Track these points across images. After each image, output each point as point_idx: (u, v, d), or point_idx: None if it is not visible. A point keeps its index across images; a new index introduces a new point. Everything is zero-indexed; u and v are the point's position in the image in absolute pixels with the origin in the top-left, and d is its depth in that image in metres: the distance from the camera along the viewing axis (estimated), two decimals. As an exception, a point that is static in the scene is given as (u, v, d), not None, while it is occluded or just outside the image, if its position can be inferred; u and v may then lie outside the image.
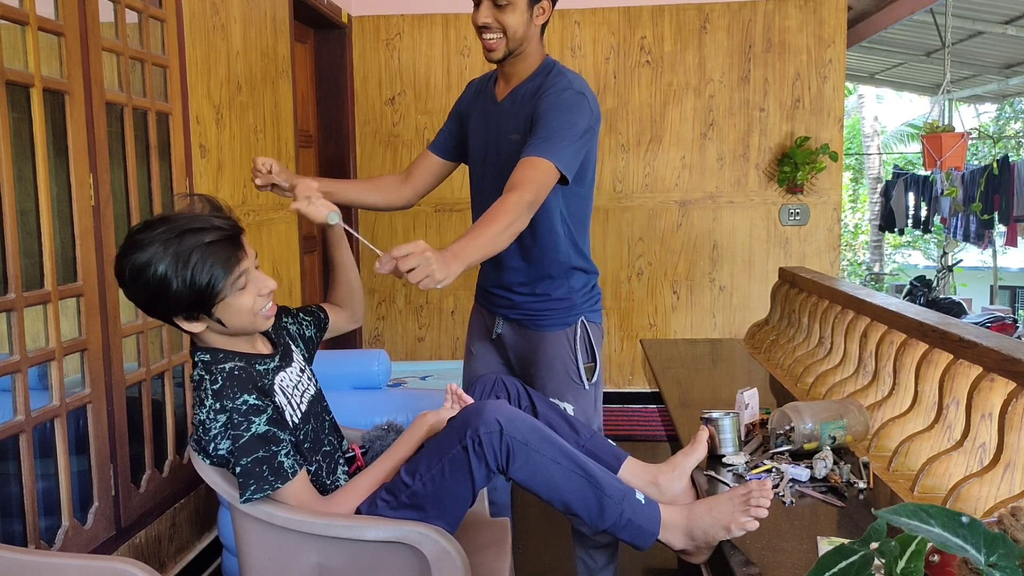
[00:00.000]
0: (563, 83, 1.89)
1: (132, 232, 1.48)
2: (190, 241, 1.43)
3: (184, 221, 1.46)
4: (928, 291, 8.18)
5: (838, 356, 2.42)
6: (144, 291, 1.45)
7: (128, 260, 1.44)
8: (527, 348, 2.08)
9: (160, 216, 1.50)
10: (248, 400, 1.49)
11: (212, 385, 1.50)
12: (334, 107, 4.46)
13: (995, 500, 1.48)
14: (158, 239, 1.43)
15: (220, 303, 1.48)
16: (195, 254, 1.42)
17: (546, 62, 1.98)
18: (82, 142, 2.14)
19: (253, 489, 1.48)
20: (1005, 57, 7.10)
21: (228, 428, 1.48)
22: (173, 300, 1.45)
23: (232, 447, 1.48)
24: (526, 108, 1.92)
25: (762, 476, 1.74)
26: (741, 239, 4.56)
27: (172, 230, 1.44)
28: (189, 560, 2.62)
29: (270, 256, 3.36)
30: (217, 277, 1.44)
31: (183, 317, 1.49)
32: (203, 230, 1.45)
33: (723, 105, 4.48)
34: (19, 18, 1.92)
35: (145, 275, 1.43)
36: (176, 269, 1.42)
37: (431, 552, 1.49)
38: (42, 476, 2.01)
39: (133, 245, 1.44)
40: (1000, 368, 1.56)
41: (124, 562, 1.33)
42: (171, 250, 1.42)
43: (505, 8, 1.86)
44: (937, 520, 0.79)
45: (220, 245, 1.45)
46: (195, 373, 1.55)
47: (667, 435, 3.12)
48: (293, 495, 1.53)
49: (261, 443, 1.49)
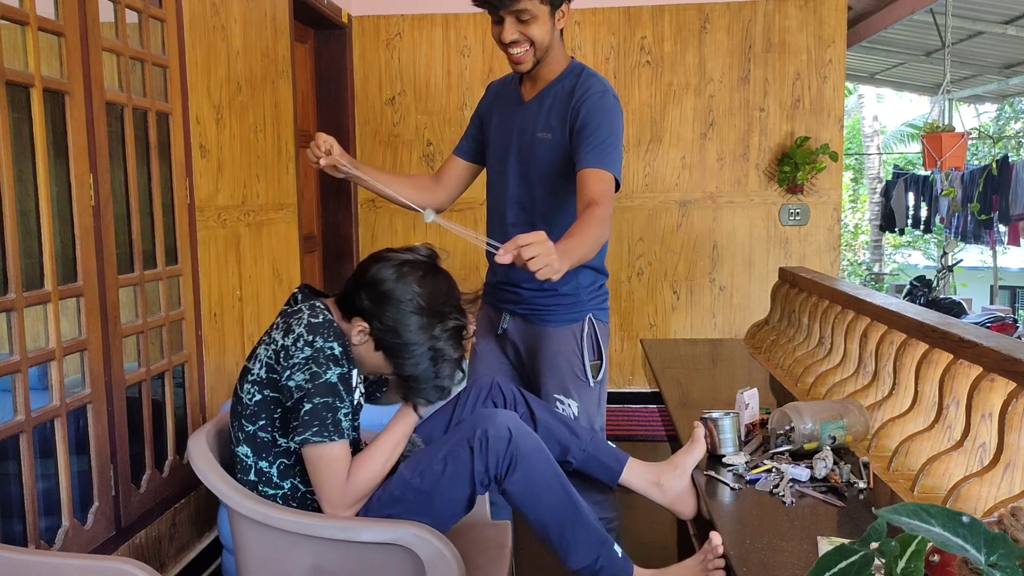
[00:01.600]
0: (599, 86, 1.94)
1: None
2: (450, 326, 1.56)
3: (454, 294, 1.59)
4: (928, 291, 8.17)
5: (838, 356, 2.41)
6: (384, 302, 1.53)
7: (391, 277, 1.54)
8: (533, 344, 2.08)
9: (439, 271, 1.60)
10: (335, 348, 1.52)
11: (311, 318, 1.52)
12: (334, 107, 4.46)
13: (995, 500, 1.48)
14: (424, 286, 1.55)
15: (397, 353, 1.55)
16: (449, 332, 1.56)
17: (573, 63, 2.02)
18: (82, 142, 2.14)
19: (316, 430, 1.49)
20: (1005, 57, 7.10)
21: (310, 363, 1.49)
22: (399, 330, 1.53)
23: (308, 384, 1.48)
24: (559, 109, 1.96)
25: (762, 476, 1.74)
26: (741, 239, 4.56)
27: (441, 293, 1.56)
28: (189, 560, 2.62)
29: (270, 256, 3.36)
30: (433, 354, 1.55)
31: (374, 327, 1.55)
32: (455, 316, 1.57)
33: (723, 105, 4.48)
34: (19, 18, 1.92)
35: (400, 296, 1.53)
36: (426, 323, 1.53)
37: (426, 554, 1.49)
38: (42, 476, 2.01)
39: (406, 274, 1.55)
40: (1000, 368, 1.56)
41: (124, 562, 1.33)
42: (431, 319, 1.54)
43: (529, 22, 1.88)
44: (937, 520, 0.79)
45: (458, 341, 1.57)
46: (295, 307, 1.57)
47: (667, 435, 3.12)
48: (338, 456, 1.53)
49: (332, 392, 1.50)
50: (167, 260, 2.55)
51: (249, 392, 1.59)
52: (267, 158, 3.32)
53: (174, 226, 2.60)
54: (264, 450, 1.61)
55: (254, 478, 1.62)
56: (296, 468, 1.63)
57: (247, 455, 1.62)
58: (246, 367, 1.61)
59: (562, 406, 2.02)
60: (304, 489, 1.64)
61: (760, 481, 1.72)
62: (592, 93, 1.91)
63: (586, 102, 1.90)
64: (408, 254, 1.58)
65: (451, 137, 4.55)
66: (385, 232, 4.65)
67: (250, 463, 1.62)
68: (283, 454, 1.62)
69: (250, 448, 1.61)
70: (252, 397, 1.59)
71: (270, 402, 1.58)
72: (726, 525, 1.55)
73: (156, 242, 2.51)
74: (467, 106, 4.54)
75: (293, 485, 1.63)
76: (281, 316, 1.59)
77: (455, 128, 4.55)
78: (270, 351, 1.56)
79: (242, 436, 1.62)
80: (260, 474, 1.62)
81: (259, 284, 3.24)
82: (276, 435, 1.61)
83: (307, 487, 1.64)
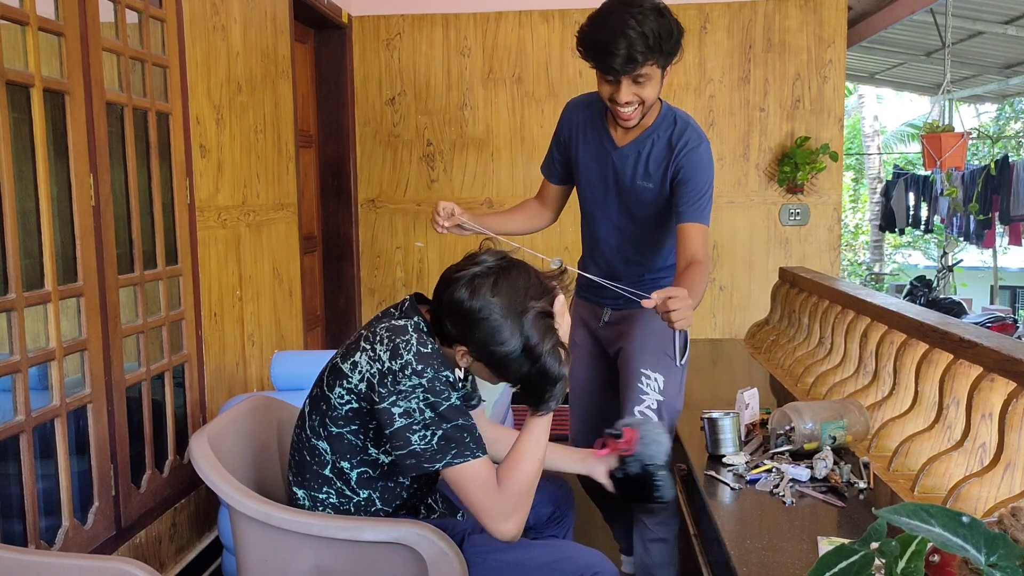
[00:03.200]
0: (695, 138, 2.00)
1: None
2: (533, 316, 1.49)
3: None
4: (928, 291, 8.17)
5: (838, 356, 2.41)
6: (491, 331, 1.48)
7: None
8: (627, 324, 2.20)
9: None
10: (450, 376, 1.51)
11: (420, 347, 1.49)
12: (334, 107, 4.46)
13: (995, 500, 1.48)
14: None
15: (502, 365, 1.50)
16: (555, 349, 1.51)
17: (664, 108, 2.05)
18: (82, 142, 2.14)
19: (455, 452, 1.47)
20: (1005, 57, 7.10)
21: (428, 395, 1.46)
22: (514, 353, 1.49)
23: (431, 414, 1.46)
24: (659, 160, 2.02)
25: (762, 476, 1.74)
26: (741, 239, 4.56)
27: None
28: (189, 560, 2.62)
29: (270, 256, 3.37)
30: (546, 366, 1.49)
31: (471, 349, 1.51)
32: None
33: (723, 105, 4.48)
34: (19, 18, 1.92)
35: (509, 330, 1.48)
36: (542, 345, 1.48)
37: (428, 553, 1.49)
38: (42, 476, 2.01)
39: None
40: (1000, 368, 1.56)
41: (124, 562, 1.33)
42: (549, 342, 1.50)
43: (644, 83, 1.89)
44: (937, 520, 0.79)
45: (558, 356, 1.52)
46: (400, 323, 1.52)
47: (667, 435, 3.12)
48: (483, 471, 1.50)
49: (460, 413, 1.49)
50: (167, 260, 2.55)
51: (342, 397, 1.54)
52: (267, 158, 3.32)
53: (174, 226, 2.60)
54: (349, 452, 1.58)
55: (330, 474, 1.59)
56: (378, 483, 1.60)
57: (326, 450, 1.58)
58: (338, 366, 1.55)
59: (648, 380, 2.10)
60: (380, 505, 1.61)
61: (760, 481, 1.72)
62: (691, 147, 1.99)
63: (687, 156, 1.98)
64: (474, 267, 1.52)
65: (451, 137, 4.55)
66: (385, 232, 4.65)
67: (328, 459, 1.58)
68: (369, 464, 1.59)
69: (330, 446, 1.58)
70: (346, 403, 1.54)
71: (366, 414, 1.54)
72: (726, 525, 1.55)
73: (156, 242, 2.51)
74: (467, 106, 4.54)
75: (370, 497, 1.61)
76: (388, 330, 1.52)
77: (455, 128, 4.55)
78: (374, 369, 1.49)
79: (324, 432, 1.58)
80: (339, 474, 1.59)
81: (259, 284, 3.24)
82: (368, 444, 1.57)
83: (383, 504, 1.61)
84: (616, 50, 1.82)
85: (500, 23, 4.49)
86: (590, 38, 1.87)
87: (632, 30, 1.80)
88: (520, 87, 4.51)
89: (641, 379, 2.09)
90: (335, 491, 1.60)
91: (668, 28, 1.84)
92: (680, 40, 1.89)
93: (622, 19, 1.81)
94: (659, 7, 1.85)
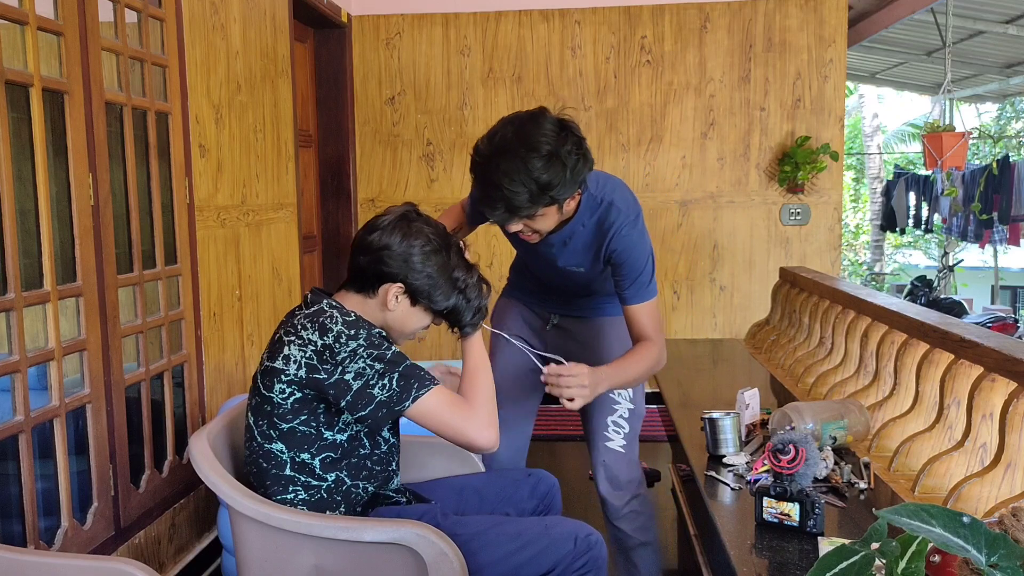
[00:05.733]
0: (624, 217, 1.87)
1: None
2: (456, 252, 1.70)
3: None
4: (929, 291, 8.17)
5: (839, 356, 2.41)
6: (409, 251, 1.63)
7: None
8: (588, 334, 2.18)
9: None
10: (382, 332, 1.62)
11: (344, 316, 1.59)
12: (334, 107, 4.46)
13: (996, 500, 1.48)
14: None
15: (431, 295, 1.65)
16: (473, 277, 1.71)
17: (585, 196, 1.88)
18: (81, 142, 2.14)
19: (417, 386, 1.56)
20: (1006, 56, 7.10)
21: (368, 348, 1.55)
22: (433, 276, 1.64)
23: (381, 365, 1.54)
24: (589, 244, 1.92)
25: (763, 477, 1.73)
26: (742, 239, 4.55)
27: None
28: (188, 560, 2.62)
29: (270, 256, 3.36)
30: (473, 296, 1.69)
31: (408, 284, 1.63)
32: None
33: (724, 105, 4.47)
34: (19, 18, 1.92)
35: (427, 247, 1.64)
36: (465, 270, 1.68)
37: (428, 554, 1.49)
38: (41, 476, 2.01)
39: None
40: (1001, 368, 1.55)
41: (123, 562, 1.33)
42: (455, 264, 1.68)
43: (536, 219, 1.77)
44: (938, 520, 0.78)
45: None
46: (317, 307, 1.61)
47: (667, 435, 3.11)
48: (447, 395, 1.59)
49: (403, 357, 1.58)
50: (166, 260, 2.55)
51: (283, 392, 1.58)
52: (267, 158, 3.32)
53: (173, 226, 2.59)
54: (306, 443, 1.60)
55: (291, 472, 1.61)
56: (342, 462, 1.63)
57: (282, 451, 1.61)
58: (269, 368, 1.59)
59: (620, 389, 2.11)
60: (349, 483, 1.64)
61: (760, 481, 1.72)
62: (621, 230, 1.87)
63: (618, 240, 1.87)
64: (391, 215, 1.67)
65: (451, 137, 4.55)
66: (385, 232, 4.64)
67: (286, 458, 1.61)
68: (329, 447, 1.62)
69: (285, 444, 1.60)
70: (288, 396, 1.58)
71: (311, 399, 1.58)
72: (726, 525, 1.54)
73: (155, 242, 2.51)
74: (467, 106, 4.54)
75: (338, 478, 1.64)
76: (306, 317, 1.59)
77: (455, 128, 4.55)
78: (309, 351, 1.55)
79: (275, 434, 1.60)
80: (302, 467, 1.61)
81: (259, 284, 3.24)
82: (322, 429, 1.61)
83: (352, 481, 1.65)
84: (494, 205, 1.71)
85: (500, 22, 4.48)
86: (476, 171, 1.74)
87: (507, 190, 1.67)
88: (520, 87, 4.51)
89: (613, 389, 2.03)
90: (302, 485, 1.62)
91: (558, 174, 1.68)
92: (578, 177, 1.72)
93: (505, 172, 1.66)
94: (551, 151, 1.67)
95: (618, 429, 2.09)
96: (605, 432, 2.09)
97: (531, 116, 1.73)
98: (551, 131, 1.70)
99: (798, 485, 1.50)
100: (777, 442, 1.53)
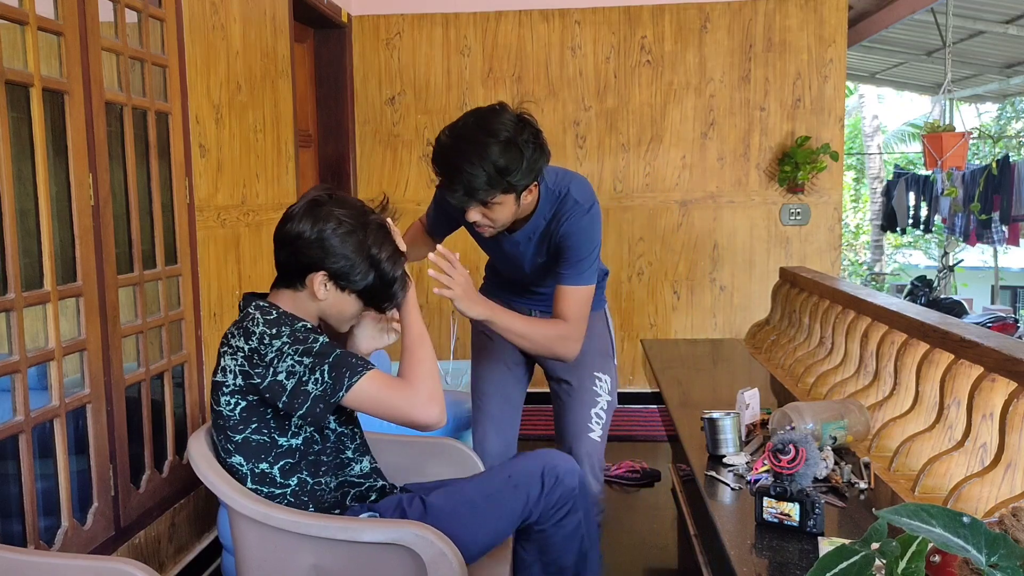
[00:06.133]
0: (576, 206, 1.95)
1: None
2: (374, 228, 1.66)
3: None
4: (929, 291, 8.17)
5: (839, 356, 2.41)
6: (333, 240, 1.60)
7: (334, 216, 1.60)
8: None
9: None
10: (307, 324, 1.60)
11: (265, 316, 1.57)
12: (334, 107, 4.46)
13: (996, 500, 1.48)
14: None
15: (351, 277, 1.61)
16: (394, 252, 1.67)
17: (543, 190, 1.96)
18: (81, 142, 2.14)
19: (349, 374, 1.53)
20: (1006, 56, 7.10)
21: (294, 344, 1.52)
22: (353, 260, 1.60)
23: (309, 359, 1.51)
24: (547, 237, 2.01)
25: (763, 477, 1.73)
26: (742, 239, 4.55)
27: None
28: (188, 560, 2.62)
29: (269, 256, 3.35)
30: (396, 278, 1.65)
31: (330, 270, 1.60)
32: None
33: (724, 104, 4.47)
34: (19, 18, 1.92)
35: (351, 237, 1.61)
36: (382, 248, 1.63)
37: (427, 554, 1.49)
38: (41, 476, 2.01)
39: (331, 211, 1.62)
40: (1001, 368, 1.55)
41: (123, 562, 1.33)
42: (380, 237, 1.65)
43: (493, 207, 1.85)
44: (938, 520, 0.78)
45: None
46: (242, 316, 1.61)
47: (667, 435, 3.11)
48: (382, 377, 1.56)
49: (333, 347, 1.55)
50: (166, 260, 2.55)
51: (229, 402, 1.59)
52: (267, 158, 3.32)
53: (173, 226, 2.59)
54: (262, 452, 1.61)
55: (254, 485, 1.62)
56: (300, 464, 1.64)
57: (241, 464, 1.62)
58: (216, 381, 1.61)
59: (600, 382, 2.20)
60: (312, 482, 1.65)
61: (760, 481, 1.72)
62: (570, 216, 1.95)
63: (566, 224, 1.96)
64: (303, 202, 1.65)
65: (451, 137, 4.54)
66: (385, 232, 4.65)
67: (245, 471, 1.61)
68: (286, 454, 1.62)
69: (242, 456, 1.61)
70: (234, 406, 1.59)
71: (257, 406, 1.58)
72: (726, 525, 1.54)
73: (155, 242, 2.51)
74: (467, 106, 4.52)
75: (300, 479, 1.64)
76: (234, 325, 1.61)
77: (455, 128, 4.54)
78: (239, 359, 1.56)
79: (232, 447, 1.61)
80: (261, 478, 1.62)
81: (259, 284, 3.24)
82: (275, 436, 1.61)
83: (314, 479, 1.65)
84: (454, 188, 1.80)
85: (500, 22, 4.48)
86: (437, 159, 1.83)
87: (466, 172, 1.76)
88: (520, 87, 4.51)
89: (595, 382, 2.17)
90: (265, 495, 1.62)
91: (515, 160, 1.77)
92: (535, 166, 1.82)
93: (464, 154, 1.76)
94: (509, 138, 1.77)
95: (599, 420, 2.18)
96: (588, 424, 2.17)
97: (491, 108, 1.84)
98: (509, 121, 1.80)
99: (798, 485, 1.50)
100: (777, 442, 1.53)
